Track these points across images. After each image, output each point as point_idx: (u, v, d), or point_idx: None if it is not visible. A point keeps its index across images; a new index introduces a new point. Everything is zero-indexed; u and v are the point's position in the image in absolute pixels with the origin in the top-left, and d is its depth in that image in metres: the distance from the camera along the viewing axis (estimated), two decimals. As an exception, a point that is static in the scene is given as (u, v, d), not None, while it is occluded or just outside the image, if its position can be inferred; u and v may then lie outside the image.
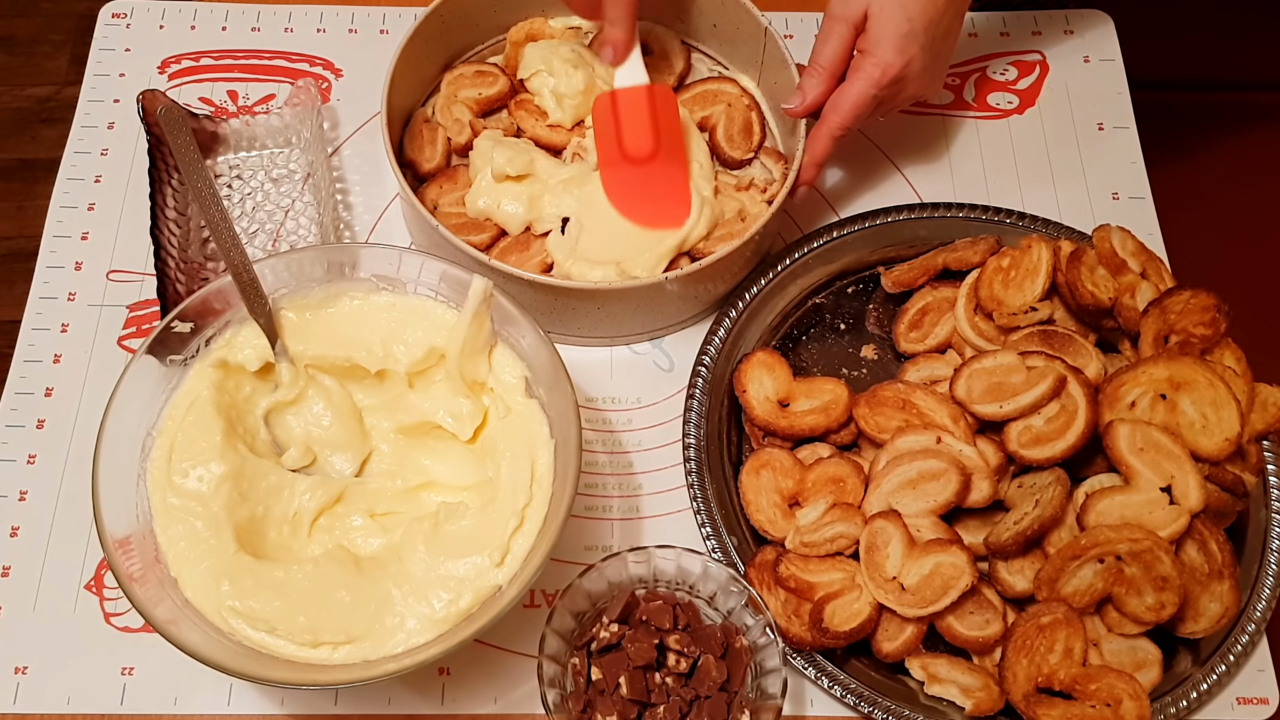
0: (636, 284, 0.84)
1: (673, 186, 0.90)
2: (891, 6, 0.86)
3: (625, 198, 0.89)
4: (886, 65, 0.87)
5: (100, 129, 1.00)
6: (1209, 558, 0.79)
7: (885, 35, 0.86)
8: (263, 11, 1.07)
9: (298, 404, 0.82)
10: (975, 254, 0.91)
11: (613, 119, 0.89)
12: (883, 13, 0.86)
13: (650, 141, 0.88)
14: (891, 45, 0.86)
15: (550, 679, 0.74)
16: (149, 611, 0.68)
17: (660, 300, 0.88)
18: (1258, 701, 0.81)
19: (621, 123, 0.89)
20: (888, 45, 0.86)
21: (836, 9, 0.88)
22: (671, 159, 0.90)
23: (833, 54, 0.88)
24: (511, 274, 0.83)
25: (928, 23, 0.87)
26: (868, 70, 0.87)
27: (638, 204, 0.89)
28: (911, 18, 0.86)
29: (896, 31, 0.86)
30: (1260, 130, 1.22)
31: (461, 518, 0.76)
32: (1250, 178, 1.22)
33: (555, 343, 0.77)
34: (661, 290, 0.86)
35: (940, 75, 0.93)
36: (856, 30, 0.88)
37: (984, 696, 0.77)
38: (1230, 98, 1.27)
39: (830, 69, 0.89)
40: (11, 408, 0.88)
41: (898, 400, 0.84)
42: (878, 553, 0.78)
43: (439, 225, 0.84)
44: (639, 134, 0.89)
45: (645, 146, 0.88)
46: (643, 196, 0.89)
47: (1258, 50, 1.24)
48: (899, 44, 0.86)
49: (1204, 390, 0.80)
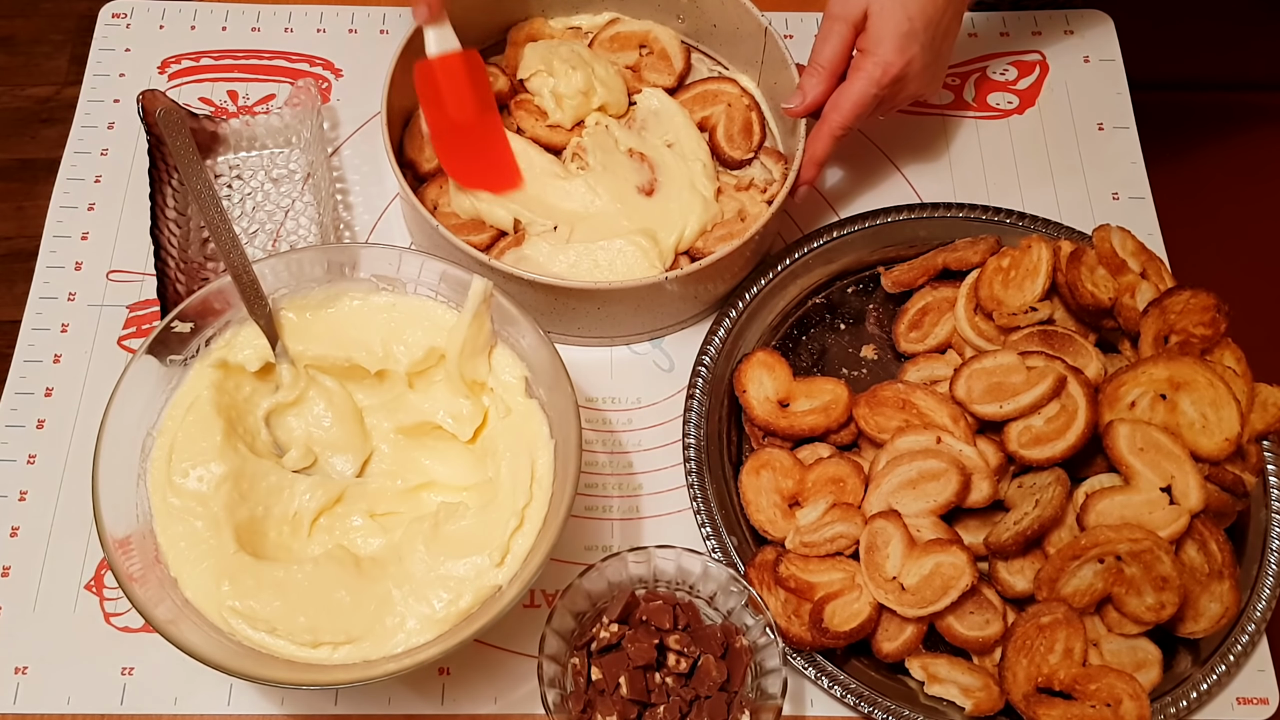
0: (637, 284, 0.84)
1: (496, 148, 0.92)
2: (892, 5, 0.86)
3: (457, 163, 0.91)
4: (887, 64, 0.87)
5: (100, 129, 1.00)
6: (1209, 558, 0.79)
7: (886, 34, 0.86)
8: (263, 11, 1.07)
9: (299, 405, 0.82)
10: (975, 254, 0.91)
11: (434, 87, 0.91)
12: (883, 12, 0.86)
13: (471, 105, 0.91)
14: (892, 44, 0.86)
15: (550, 679, 0.74)
16: (149, 611, 0.68)
17: (660, 300, 0.88)
18: (1258, 701, 0.81)
19: (442, 90, 0.91)
20: (889, 44, 0.86)
21: (836, 8, 0.88)
22: (490, 120, 0.93)
23: (833, 53, 0.88)
24: (511, 273, 0.83)
25: (928, 21, 0.87)
26: (869, 69, 0.87)
27: (468, 167, 0.91)
28: (912, 16, 0.86)
29: (897, 30, 0.86)
30: (1260, 130, 1.22)
31: (461, 518, 0.76)
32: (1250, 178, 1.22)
33: (555, 343, 0.77)
34: (661, 290, 0.86)
35: (940, 74, 0.93)
36: (856, 29, 0.88)
37: (984, 696, 0.77)
38: (1230, 98, 1.27)
39: (830, 68, 0.89)
40: (11, 408, 0.88)
41: (898, 400, 0.84)
42: (878, 553, 0.78)
43: (439, 225, 0.84)
44: (460, 99, 0.91)
45: (467, 110, 0.91)
46: (471, 159, 0.91)
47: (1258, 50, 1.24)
48: (899, 43, 0.86)
49: (1204, 390, 0.80)
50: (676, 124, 0.95)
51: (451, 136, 0.91)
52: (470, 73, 0.91)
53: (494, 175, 0.91)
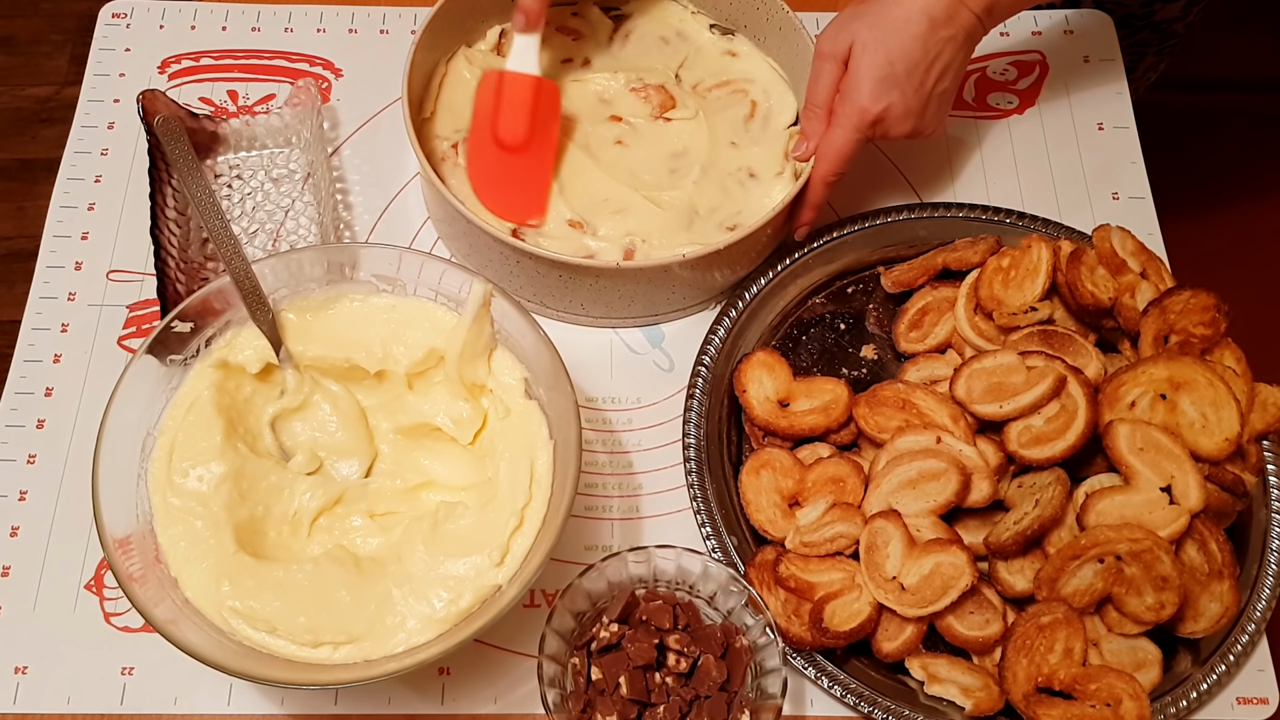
0: (647, 265, 0.85)
1: (533, 182, 0.90)
2: (874, 46, 0.83)
3: (485, 180, 0.89)
4: (863, 111, 0.85)
5: (100, 129, 1.00)
6: (1209, 558, 0.79)
7: (863, 79, 0.84)
8: (263, 11, 1.07)
9: (303, 410, 0.82)
10: (975, 254, 0.91)
11: (494, 99, 0.90)
12: (864, 53, 0.84)
13: (524, 131, 0.89)
14: (868, 90, 0.84)
15: (550, 679, 0.74)
16: (149, 611, 0.68)
17: (668, 283, 0.88)
18: (1258, 701, 0.81)
19: (501, 105, 0.89)
20: (865, 90, 0.84)
21: (825, 45, 0.87)
22: (540, 155, 0.90)
23: (825, 93, 0.88)
24: (531, 252, 0.83)
25: (911, 65, 0.83)
26: (846, 114, 0.86)
27: (495, 188, 0.89)
28: (893, 60, 0.83)
29: (874, 76, 0.84)
30: (1260, 131, 1.23)
31: (460, 517, 0.76)
32: (1250, 177, 1.23)
33: (555, 321, 0.76)
34: (669, 273, 0.86)
35: (937, 114, 0.89)
36: (845, 66, 0.86)
37: (984, 696, 0.77)
38: (1230, 98, 1.27)
39: (827, 107, 0.88)
40: (11, 408, 0.88)
41: (898, 400, 0.84)
42: (878, 553, 0.78)
43: (458, 203, 0.84)
44: (515, 121, 0.89)
45: (518, 134, 0.89)
46: (502, 183, 0.89)
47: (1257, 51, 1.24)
48: (874, 89, 0.84)
49: (1204, 390, 0.80)
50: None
51: (490, 154, 0.89)
52: (537, 99, 0.89)
53: (518, 205, 0.89)
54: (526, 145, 0.89)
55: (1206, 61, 1.25)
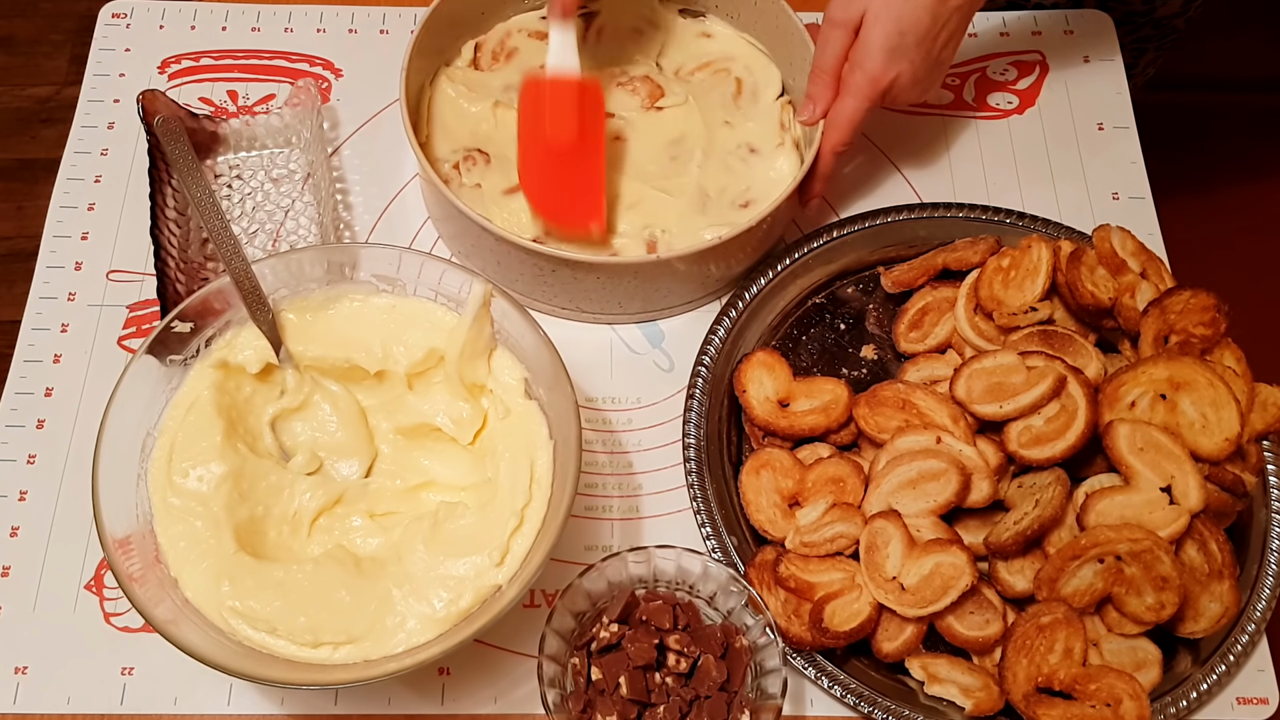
0: (641, 261, 0.85)
1: (588, 185, 0.88)
2: (886, 15, 0.85)
3: (538, 187, 0.88)
4: (874, 79, 0.86)
5: (100, 129, 1.00)
6: (1209, 558, 0.79)
7: (875, 48, 0.86)
8: (263, 11, 1.07)
9: (304, 410, 0.82)
10: (975, 254, 0.91)
11: (538, 105, 0.89)
12: (876, 22, 0.86)
13: (570, 130, 0.87)
14: (880, 59, 0.86)
15: (550, 679, 0.74)
16: (149, 611, 0.68)
17: (664, 277, 0.88)
18: (1258, 701, 0.81)
19: (547, 107, 0.88)
20: (876, 59, 0.86)
21: (836, 12, 0.88)
22: (590, 157, 0.89)
23: (834, 59, 0.89)
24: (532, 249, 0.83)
25: (921, 34, 0.86)
26: (857, 83, 0.87)
27: (550, 195, 0.88)
28: (904, 30, 0.85)
29: (885, 45, 0.85)
30: (1260, 131, 1.23)
31: (460, 517, 0.76)
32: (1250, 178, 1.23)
33: (554, 318, 0.76)
34: (667, 267, 0.86)
35: (937, 79, 0.93)
36: (855, 33, 0.88)
37: (984, 696, 0.77)
38: (1230, 98, 1.27)
39: (835, 73, 0.89)
40: (11, 408, 0.88)
41: (898, 400, 0.84)
42: (878, 553, 0.78)
43: (459, 202, 0.84)
44: (563, 121, 0.87)
45: (567, 135, 0.87)
46: (556, 188, 0.88)
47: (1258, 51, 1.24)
48: (886, 58, 0.86)
49: (1204, 390, 0.80)
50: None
51: (542, 161, 0.88)
52: (582, 99, 0.88)
53: (575, 209, 0.88)
54: (577, 148, 0.88)
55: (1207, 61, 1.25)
